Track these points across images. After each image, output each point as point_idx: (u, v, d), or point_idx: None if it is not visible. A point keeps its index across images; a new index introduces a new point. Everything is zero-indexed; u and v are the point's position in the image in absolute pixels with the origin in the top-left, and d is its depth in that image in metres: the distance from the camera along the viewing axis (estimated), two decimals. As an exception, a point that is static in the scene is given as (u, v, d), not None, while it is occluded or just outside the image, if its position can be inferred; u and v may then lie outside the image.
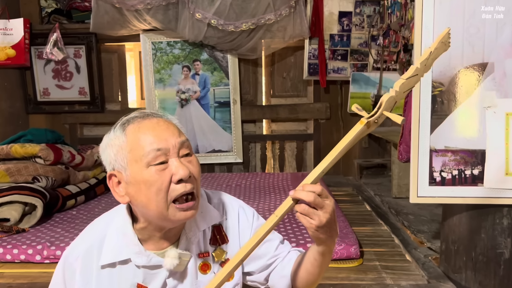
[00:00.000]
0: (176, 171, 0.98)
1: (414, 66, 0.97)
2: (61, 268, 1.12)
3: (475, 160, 1.75)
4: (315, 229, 0.96)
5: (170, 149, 0.99)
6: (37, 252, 2.10)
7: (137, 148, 0.99)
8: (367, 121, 0.97)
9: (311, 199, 0.93)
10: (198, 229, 1.14)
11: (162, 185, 0.98)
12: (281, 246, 1.23)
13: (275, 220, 0.96)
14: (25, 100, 4.09)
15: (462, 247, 1.88)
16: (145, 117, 1.04)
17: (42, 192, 2.46)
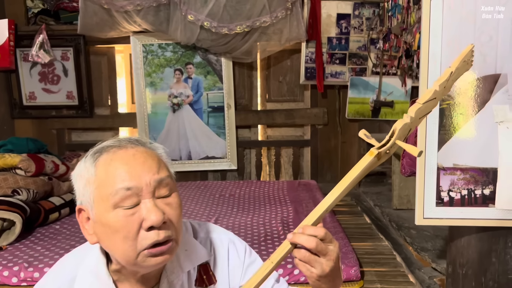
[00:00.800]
0: (147, 216, 0.83)
1: (433, 89, 0.83)
2: None
3: (486, 179, 1.61)
4: (317, 279, 0.82)
5: (143, 188, 0.84)
6: (13, 274, 1.95)
7: (105, 184, 0.85)
8: (378, 152, 0.83)
9: (312, 245, 0.79)
10: (182, 270, 1.00)
11: (129, 233, 0.83)
12: (276, 285, 1.09)
13: (271, 267, 0.82)
14: (10, 104, 3.92)
15: (471, 271, 1.74)
16: (121, 146, 0.89)
17: (22, 207, 2.31)
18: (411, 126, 0.87)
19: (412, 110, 0.85)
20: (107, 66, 4.03)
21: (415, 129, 1.72)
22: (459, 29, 1.57)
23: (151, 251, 0.84)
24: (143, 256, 0.85)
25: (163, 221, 0.84)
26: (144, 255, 0.84)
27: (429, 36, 1.60)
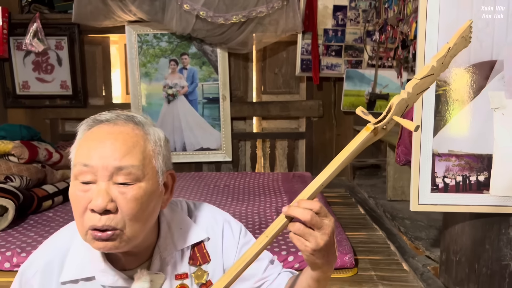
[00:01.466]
0: (94, 198, 0.81)
1: (430, 64, 0.82)
2: (17, 284, 0.98)
3: (481, 166, 1.62)
4: (311, 253, 0.81)
5: (99, 170, 0.82)
6: (6, 259, 1.94)
7: (76, 153, 0.85)
8: (374, 128, 0.82)
9: (307, 218, 0.78)
10: (176, 248, 0.99)
11: (78, 209, 0.82)
12: (271, 267, 1.08)
13: (266, 241, 0.81)
14: (3, 93, 3.88)
15: (465, 258, 1.75)
16: (111, 121, 0.87)
17: (15, 193, 2.29)
18: (408, 102, 0.86)
19: (409, 85, 0.84)
20: (101, 56, 4.00)
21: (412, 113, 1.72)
22: (455, 16, 1.57)
23: (92, 233, 0.82)
24: (89, 235, 0.83)
25: (105, 208, 0.81)
26: (90, 234, 0.83)
27: (426, 23, 1.60)
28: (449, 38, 1.56)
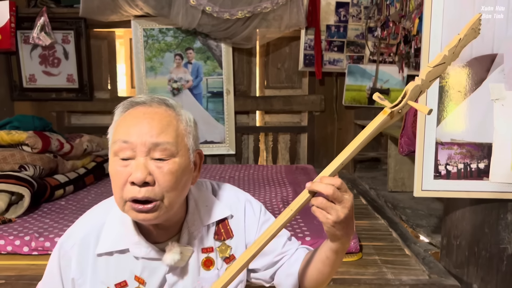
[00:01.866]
0: (133, 172, 0.88)
1: (442, 53, 0.90)
2: (56, 256, 1.06)
3: (482, 154, 1.71)
4: (332, 225, 0.90)
5: (138, 146, 0.89)
6: (24, 243, 2.01)
7: (115, 132, 0.93)
8: (391, 111, 0.91)
9: (329, 192, 0.86)
10: (202, 223, 1.07)
11: (118, 182, 0.90)
12: (289, 243, 1.17)
13: (290, 214, 0.90)
14: (10, 86, 3.94)
15: (465, 242, 1.84)
16: (146, 103, 0.95)
17: (30, 181, 2.36)
18: (422, 88, 0.94)
19: (423, 73, 0.92)
20: (107, 50, 4.06)
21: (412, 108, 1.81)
22: (458, 11, 1.66)
23: (132, 205, 0.90)
24: (128, 206, 0.91)
25: (145, 180, 0.88)
26: (128, 205, 0.91)
27: (431, 18, 1.68)
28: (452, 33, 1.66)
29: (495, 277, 1.80)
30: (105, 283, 1.02)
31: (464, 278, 1.83)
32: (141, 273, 1.02)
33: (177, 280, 1.05)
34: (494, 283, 1.80)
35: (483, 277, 1.81)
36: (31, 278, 1.81)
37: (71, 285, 1.03)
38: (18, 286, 1.78)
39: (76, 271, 1.02)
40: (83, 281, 1.03)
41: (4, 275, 1.82)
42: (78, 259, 1.02)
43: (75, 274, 1.02)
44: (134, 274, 1.02)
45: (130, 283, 1.03)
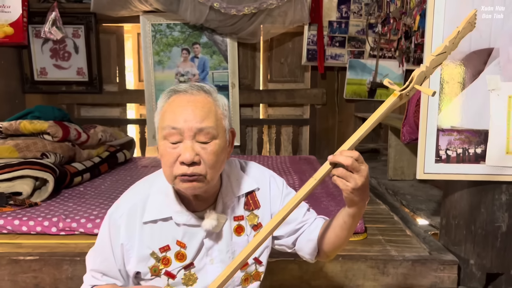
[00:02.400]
0: (182, 153, 1.03)
1: (443, 44, 1.05)
2: (106, 225, 1.18)
3: (479, 139, 1.86)
4: (351, 191, 1.03)
5: (185, 131, 1.03)
6: (53, 224, 2.14)
7: (163, 118, 1.06)
8: (400, 94, 1.05)
9: (349, 163, 1.00)
10: (234, 195, 1.21)
11: (169, 161, 1.05)
12: (308, 213, 1.31)
13: (314, 183, 1.03)
14: (22, 79, 4.06)
15: (463, 222, 2.00)
16: (188, 91, 1.08)
17: (53, 168, 2.49)
18: (426, 74, 1.09)
19: (427, 61, 1.06)
20: (116, 45, 4.19)
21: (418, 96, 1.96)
22: (459, 8, 1.81)
23: (181, 178, 1.05)
24: (177, 180, 1.06)
25: (193, 160, 1.03)
26: (178, 180, 1.06)
27: (434, 14, 1.83)
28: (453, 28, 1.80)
29: (490, 253, 1.96)
30: (150, 248, 1.16)
31: (462, 255, 2.00)
32: (182, 238, 1.16)
33: (213, 244, 1.19)
34: (489, 259, 1.97)
35: (479, 253, 1.97)
36: (62, 254, 1.95)
37: (120, 250, 1.16)
38: (50, 262, 1.92)
39: (124, 237, 1.16)
40: (131, 246, 1.16)
41: (37, 252, 1.96)
42: (126, 227, 1.16)
43: (124, 240, 1.16)
44: (176, 239, 1.16)
45: (173, 247, 1.16)
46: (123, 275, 1.19)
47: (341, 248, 1.25)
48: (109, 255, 1.17)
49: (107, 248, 1.18)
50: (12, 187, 2.36)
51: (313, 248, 1.25)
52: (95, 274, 1.21)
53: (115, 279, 1.19)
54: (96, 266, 1.20)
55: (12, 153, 2.55)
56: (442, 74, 1.85)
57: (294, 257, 1.94)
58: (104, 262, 1.18)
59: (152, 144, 4.13)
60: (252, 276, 1.24)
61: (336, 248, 1.23)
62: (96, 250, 1.22)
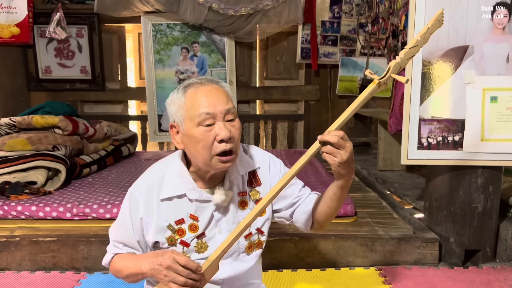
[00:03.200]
0: (220, 132, 1.20)
1: (415, 39, 1.23)
2: (127, 202, 1.36)
3: (456, 128, 2.06)
4: (338, 165, 1.20)
5: (217, 114, 1.21)
6: (67, 210, 2.32)
7: (192, 109, 1.22)
8: (379, 82, 1.23)
9: (335, 140, 1.17)
10: (239, 173, 1.39)
11: (207, 143, 1.21)
12: (303, 189, 1.48)
13: (306, 159, 1.21)
14: (27, 77, 4.21)
15: (443, 203, 2.20)
16: (202, 83, 1.26)
17: (64, 159, 2.66)
18: (401, 64, 1.26)
19: (402, 53, 1.24)
20: (117, 44, 4.35)
21: (402, 90, 2.16)
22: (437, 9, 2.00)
23: (220, 158, 1.23)
24: (215, 160, 1.23)
25: (230, 137, 1.21)
26: (215, 159, 1.23)
27: (415, 15, 2.03)
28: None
29: (468, 231, 2.16)
30: (167, 221, 1.33)
31: (443, 233, 2.19)
32: (195, 212, 1.34)
33: (221, 216, 1.37)
34: (467, 236, 2.17)
35: (458, 231, 2.17)
36: (78, 236, 2.13)
37: (140, 223, 1.34)
38: (68, 242, 2.10)
39: (143, 212, 1.33)
40: (149, 220, 1.34)
41: (55, 234, 2.14)
42: (145, 203, 1.33)
43: (143, 214, 1.33)
44: (189, 213, 1.34)
45: (186, 220, 1.34)
46: (141, 246, 1.36)
47: (332, 219, 1.41)
48: (129, 228, 1.34)
49: (128, 222, 1.35)
50: (27, 177, 2.54)
51: (307, 219, 1.42)
52: (117, 244, 1.38)
53: (134, 249, 1.36)
54: (118, 238, 1.38)
55: (25, 145, 2.72)
56: (423, 70, 2.05)
57: (290, 237, 2.14)
58: (125, 234, 1.36)
59: (153, 140, 4.30)
60: (255, 244, 1.41)
61: (328, 218, 1.39)
62: (118, 224, 1.40)
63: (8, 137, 2.76)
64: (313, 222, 1.43)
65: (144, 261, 1.26)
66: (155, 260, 1.21)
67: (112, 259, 1.39)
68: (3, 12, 3.88)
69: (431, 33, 1.27)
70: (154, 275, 1.24)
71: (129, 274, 1.33)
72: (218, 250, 1.20)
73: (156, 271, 1.20)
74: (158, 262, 1.19)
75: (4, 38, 3.89)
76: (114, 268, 1.38)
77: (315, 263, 2.14)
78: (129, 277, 1.34)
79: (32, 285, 1.93)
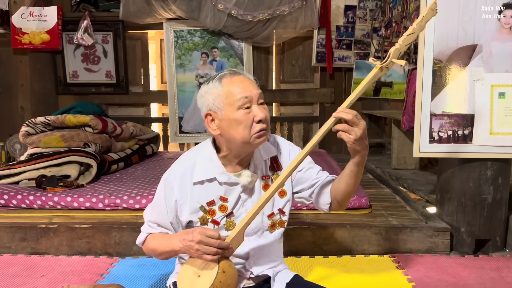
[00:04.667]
0: (257, 114, 1.36)
1: (412, 27, 1.36)
2: (162, 186, 1.51)
3: (466, 123, 2.18)
4: (353, 142, 1.31)
5: (253, 97, 1.36)
6: (99, 200, 2.49)
7: (230, 95, 1.37)
8: (381, 66, 1.36)
9: (350, 117, 1.29)
10: (262, 158, 1.54)
11: (248, 123, 1.36)
12: (321, 172, 1.61)
13: (320, 133, 1.35)
14: (56, 81, 4.44)
15: (454, 195, 2.31)
16: (234, 74, 1.42)
17: (95, 155, 2.84)
18: (400, 50, 1.37)
19: (400, 39, 1.36)
20: (140, 50, 4.56)
21: (415, 89, 2.28)
22: (447, 11, 2.13)
23: (257, 134, 1.38)
24: (253, 137, 1.38)
25: (265, 117, 1.37)
26: (254, 137, 1.38)
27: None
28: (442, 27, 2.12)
29: (478, 221, 2.27)
30: (199, 202, 1.47)
31: (454, 223, 2.30)
32: (224, 194, 1.48)
33: (247, 197, 1.51)
34: (477, 226, 2.27)
35: (468, 221, 2.28)
36: (110, 223, 2.29)
37: (174, 205, 1.48)
38: (101, 229, 2.26)
39: (178, 195, 1.47)
40: (183, 202, 1.48)
41: (89, 222, 2.31)
42: (179, 187, 1.47)
43: (177, 197, 1.48)
44: (219, 195, 1.48)
45: (217, 201, 1.48)
46: (174, 226, 1.51)
47: (350, 197, 1.51)
48: (163, 209, 1.49)
49: (162, 204, 1.49)
50: (61, 171, 2.72)
51: (326, 199, 1.53)
52: (151, 224, 1.53)
53: (166, 229, 1.51)
54: (152, 218, 1.53)
55: (59, 142, 2.91)
56: (434, 67, 2.17)
57: (308, 225, 2.28)
58: (159, 215, 1.51)
59: (174, 141, 4.48)
60: (278, 223, 1.55)
61: (346, 196, 1.49)
62: (153, 205, 1.55)
63: (43, 134, 2.96)
64: (332, 202, 1.55)
65: (175, 240, 1.40)
66: (186, 237, 1.36)
67: (145, 238, 1.54)
68: (34, 20, 4.12)
69: (426, 21, 1.40)
70: (187, 251, 1.38)
71: (162, 252, 1.48)
72: (243, 222, 1.36)
73: (188, 247, 1.35)
74: (189, 239, 1.34)
75: (35, 45, 4.13)
76: (147, 247, 1.53)
77: (331, 251, 2.26)
78: (162, 254, 1.50)
79: (70, 267, 2.10)
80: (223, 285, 1.27)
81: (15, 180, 2.72)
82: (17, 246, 2.28)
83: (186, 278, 1.36)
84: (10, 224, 2.30)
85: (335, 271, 2.04)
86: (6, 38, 4.26)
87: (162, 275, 1.99)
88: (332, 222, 2.32)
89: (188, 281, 1.35)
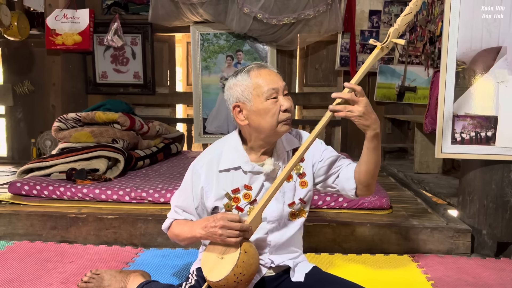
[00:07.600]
0: (284, 103, 1.44)
1: (409, 6, 1.40)
2: (190, 173, 1.59)
3: (489, 124, 2.18)
4: (358, 118, 1.39)
5: (279, 89, 1.45)
6: (126, 193, 2.58)
7: (259, 87, 1.45)
8: (382, 46, 1.41)
9: (348, 96, 1.38)
10: (285, 149, 1.60)
11: (276, 112, 1.44)
12: (342, 159, 1.65)
13: (329, 114, 1.41)
14: (86, 81, 4.60)
15: (476, 197, 2.31)
16: (261, 67, 1.49)
17: (122, 151, 2.95)
18: (399, 30, 1.42)
19: (398, 20, 1.41)
20: (168, 52, 4.69)
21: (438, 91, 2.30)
22: (471, 13, 2.15)
23: (285, 122, 1.46)
24: (280, 125, 1.46)
25: (291, 106, 1.45)
26: (280, 125, 1.46)
27: (450, 21, 2.17)
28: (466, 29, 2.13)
29: (500, 224, 2.26)
30: (225, 189, 1.54)
31: (476, 226, 2.30)
32: (248, 182, 1.55)
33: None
34: (499, 229, 2.26)
35: (490, 224, 2.27)
36: (136, 215, 2.38)
37: (200, 191, 1.55)
38: (128, 220, 2.35)
39: (204, 181, 1.55)
40: (209, 188, 1.55)
41: (116, 213, 2.40)
42: (206, 174, 1.55)
43: (204, 184, 1.55)
44: (244, 183, 1.54)
45: (241, 189, 1.55)
46: (198, 212, 1.58)
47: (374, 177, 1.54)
48: (189, 195, 1.57)
49: (189, 190, 1.58)
50: (90, 165, 2.83)
51: (351, 184, 1.56)
52: (177, 210, 1.61)
53: (191, 215, 1.58)
54: (179, 203, 1.61)
55: (88, 138, 3.03)
56: (457, 69, 2.19)
57: (328, 223, 2.31)
58: (185, 200, 1.58)
59: (198, 141, 4.57)
60: (298, 213, 1.60)
61: (369, 176, 1.52)
62: (180, 191, 1.63)
63: (74, 130, 3.09)
64: (357, 186, 1.56)
65: (196, 227, 1.48)
66: (208, 223, 1.44)
67: (171, 224, 1.62)
68: (67, 22, 4.29)
69: (420, 4, 1.44)
70: (210, 237, 1.46)
71: (185, 238, 1.56)
72: (259, 204, 1.43)
73: (211, 233, 1.42)
74: (212, 225, 1.42)
75: (68, 45, 4.30)
76: (172, 232, 1.62)
77: (351, 248, 2.29)
78: (184, 240, 1.58)
79: (97, 255, 2.19)
80: (246, 265, 1.33)
81: (46, 172, 2.85)
82: (48, 234, 2.39)
83: (210, 261, 1.43)
84: (42, 213, 2.41)
85: (354, 268, 2.07)
86: (40, 39, 4.44)
87: (184, 265, 2.06)
88: (352, 220, 2.34)
89: (212, 264, 1.41)
